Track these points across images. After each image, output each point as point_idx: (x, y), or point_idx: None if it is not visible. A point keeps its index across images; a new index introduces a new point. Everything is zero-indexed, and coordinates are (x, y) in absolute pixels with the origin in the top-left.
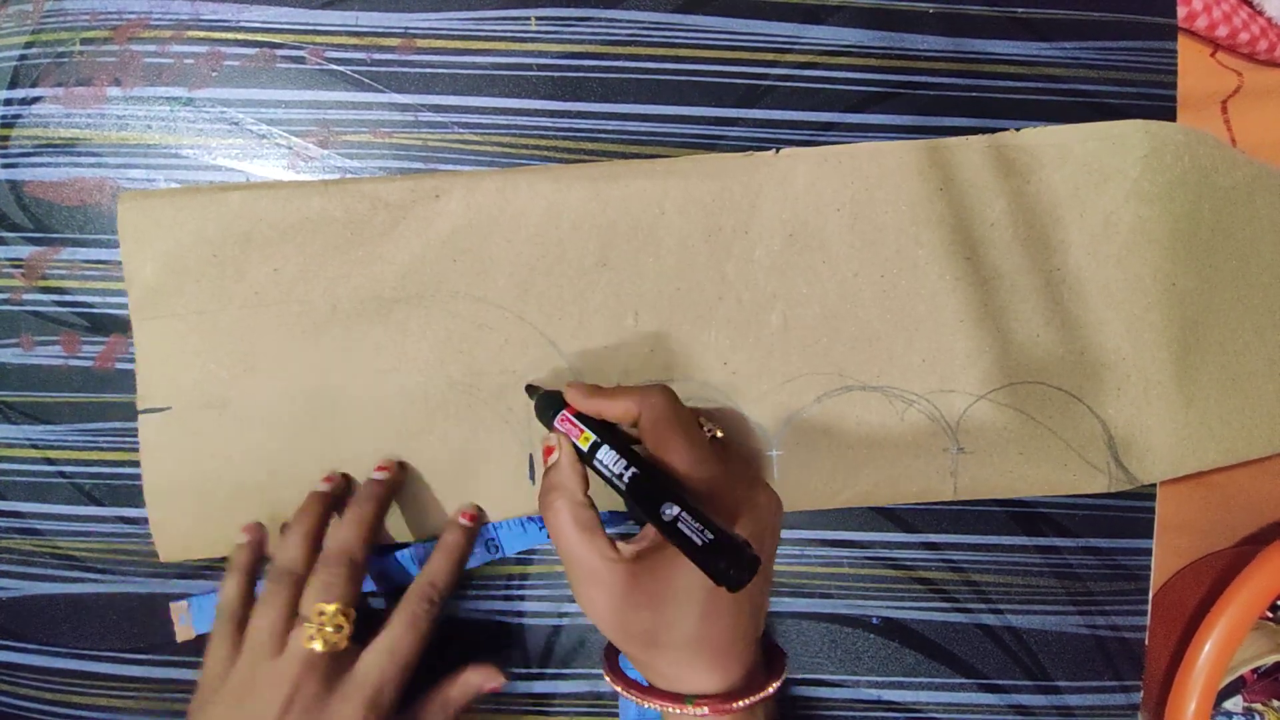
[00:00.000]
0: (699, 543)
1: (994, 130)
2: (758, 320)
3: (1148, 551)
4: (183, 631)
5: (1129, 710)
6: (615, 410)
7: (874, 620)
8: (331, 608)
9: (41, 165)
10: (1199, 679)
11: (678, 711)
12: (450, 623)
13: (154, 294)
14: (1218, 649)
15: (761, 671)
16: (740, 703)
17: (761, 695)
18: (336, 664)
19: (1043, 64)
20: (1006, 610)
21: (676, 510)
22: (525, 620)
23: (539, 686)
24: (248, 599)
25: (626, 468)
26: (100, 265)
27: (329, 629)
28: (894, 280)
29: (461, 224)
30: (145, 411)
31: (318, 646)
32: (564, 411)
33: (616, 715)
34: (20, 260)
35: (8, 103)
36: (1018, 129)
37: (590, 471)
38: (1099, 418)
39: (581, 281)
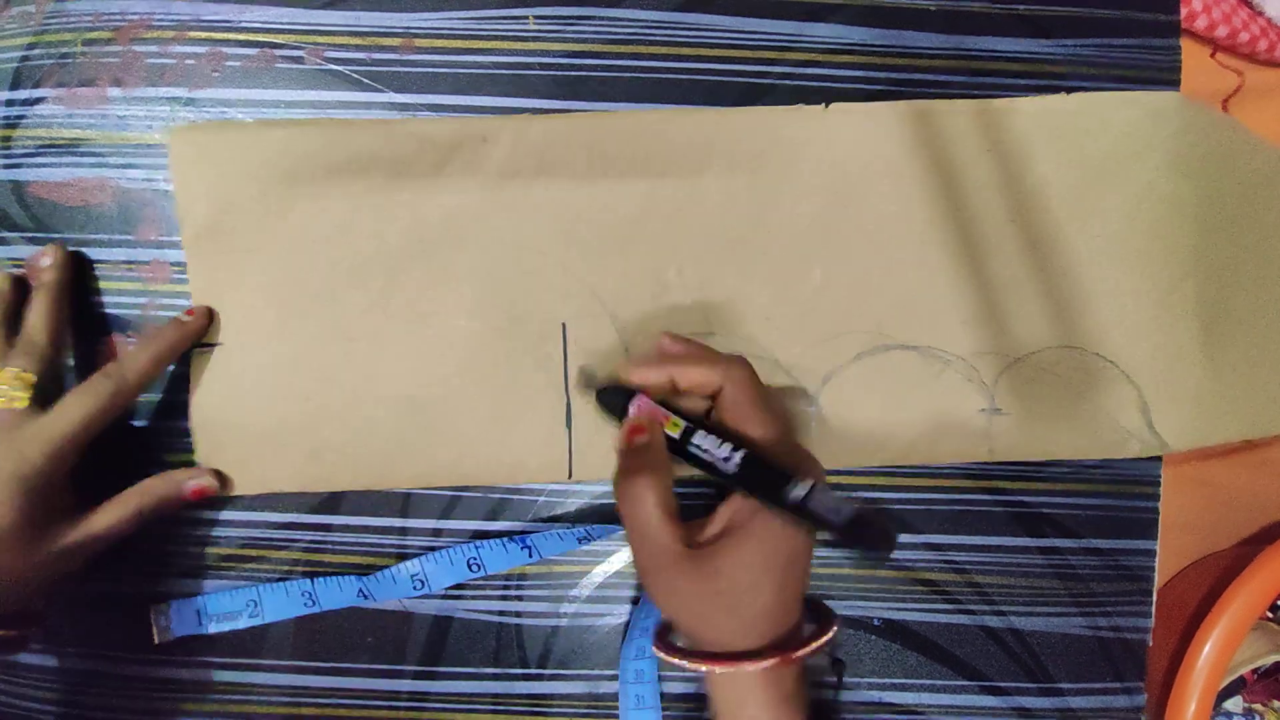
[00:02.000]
0: (837, 522)
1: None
2: (799, 276)
3: (1150, 553)
4: (160, 634)
5: (1133, 713)
6: (692, 377)
7: (875, 621)
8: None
9: (44, 165)
10: (1199, 679)
11: (734, 671)
12: (449, 622)
13: (206, 231)
14: (1218, 649)
15: (806, 629)
16: (799, 653)
17: (821, 643)
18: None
19: (1045, 61)
20: (1009, 612)
21: (805, 490)
22: (524, 621)
23: (537, 687)
24: None
25: (734, 450)
26: (101, 265)
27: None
28: (935, 240)
29: (508, 168)
30: (196, 347)
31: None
32: (640, 396)
33: (615, 717)
34: (21, 260)
35: (10, 103)
36: (1069, 91)
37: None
38: (1134, 383)
39: (625, 231)
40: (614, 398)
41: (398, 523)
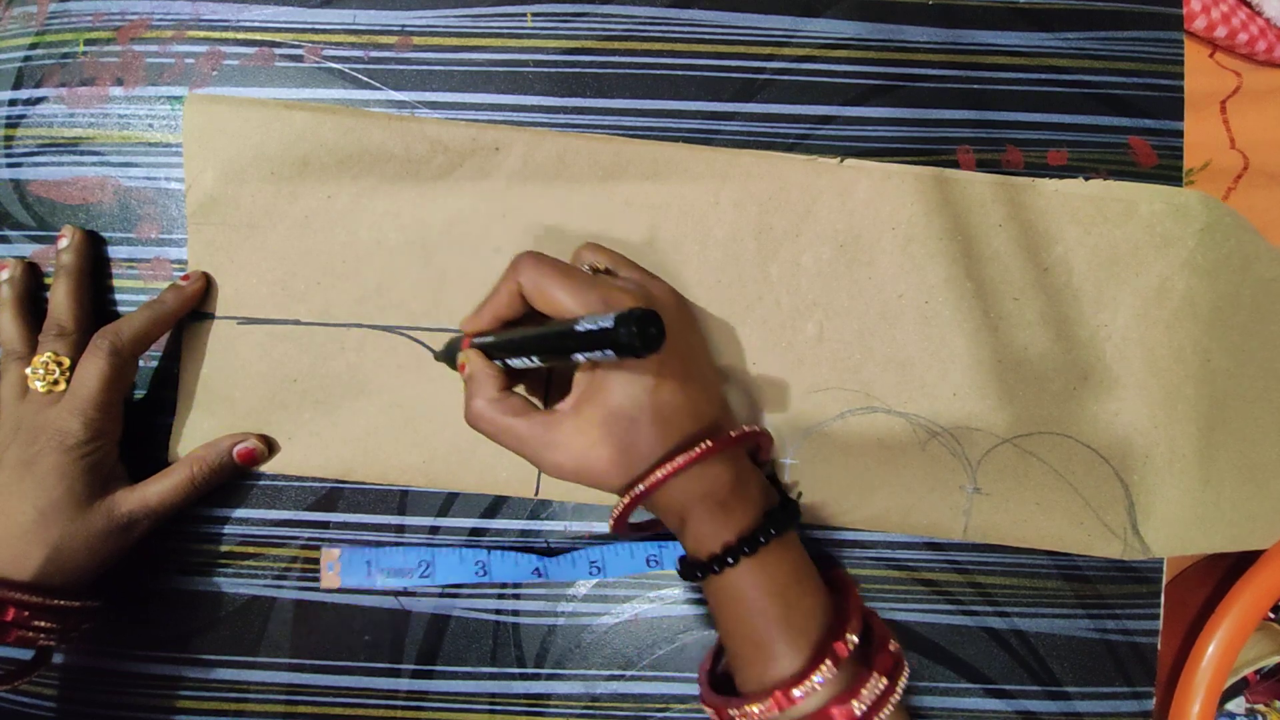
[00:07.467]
0: (598, 329)
1: (995, 123)
2: (793, 326)
3: None
4: (329, 579)
5: (1141, 717)
6: (502, 302)
7: None
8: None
9: (45, 164)
10: (1203, 680)
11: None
12: (447, 621)
13: (211, 201)
14: (1222, 650)
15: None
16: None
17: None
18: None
19: (1045, 55)
20: (1013, 613)
21: (573, 324)
22: (521, 620)
23: (535, 687)
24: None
25: (528, 345)
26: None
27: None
28: (938, 309)
29: (516, 181)
30: (191, 317)
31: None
32: (466, 341)
33: (612, 716)
34: (25, 258)
35: (12, 103)
36: (1086, 179)
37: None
38: (1123, 482)
39: (626, 255)
40: (449, 352)
41: (395, 520)
